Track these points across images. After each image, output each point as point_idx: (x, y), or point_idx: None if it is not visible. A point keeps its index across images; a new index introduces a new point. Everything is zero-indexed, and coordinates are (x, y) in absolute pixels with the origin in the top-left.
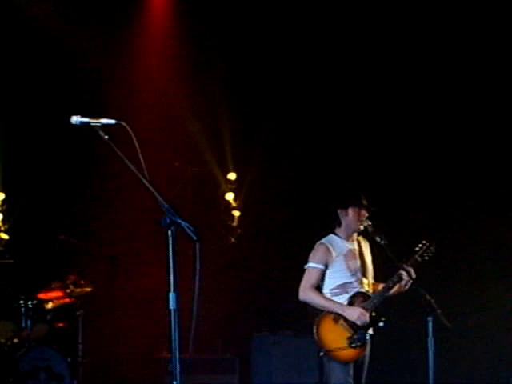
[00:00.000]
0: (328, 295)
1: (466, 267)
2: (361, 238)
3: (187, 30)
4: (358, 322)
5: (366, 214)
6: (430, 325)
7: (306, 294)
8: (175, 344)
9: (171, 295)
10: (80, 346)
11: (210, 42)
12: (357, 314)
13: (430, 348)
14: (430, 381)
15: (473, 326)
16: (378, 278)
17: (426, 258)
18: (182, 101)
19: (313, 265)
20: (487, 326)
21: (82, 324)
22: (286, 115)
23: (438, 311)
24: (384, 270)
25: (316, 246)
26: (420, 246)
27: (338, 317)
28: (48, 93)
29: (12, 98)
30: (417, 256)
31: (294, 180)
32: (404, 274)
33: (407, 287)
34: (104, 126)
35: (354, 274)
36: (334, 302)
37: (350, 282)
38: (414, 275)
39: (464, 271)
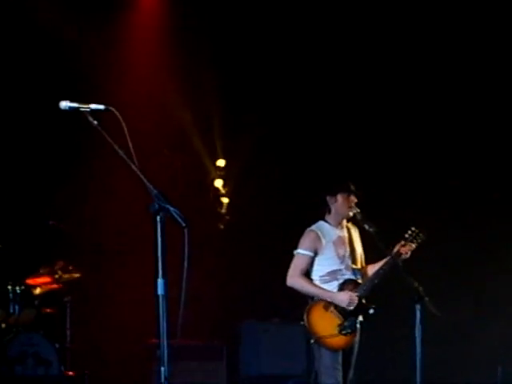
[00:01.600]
0: (317, 282)
1: (454, 254)
2: (350, 225)
3: (178, 18)
4: (350, 307)
5: (355, 200)
6: (418, 313)
7: (294, 280)
8: (163, 330)
9: (159, 281)
10: (68, 332)
11: (201, 30)
12: (346, 299)
13: (417, 336)
14: (418, 369)
15: (463, 314)
16: (368, 263)
17: (415, 245)
18: (171, 88)
19: (302, 251)
20: (478, 315)
21: (70, 310)
22: (275, 101)
23: (426, 299)
24: (374, 256)
25: (306, 233)
26: (409, 232)
27: (328, 304)
28: (37, 80)
29: (1, 86)
30: (407, 243)
31: (283, 167)
32: (400, 259)
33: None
34: (93, 111)
35: (343, 261)
36: (322, 288)
37: (340, 269)
38: (408, 254)
39: (453, 258)
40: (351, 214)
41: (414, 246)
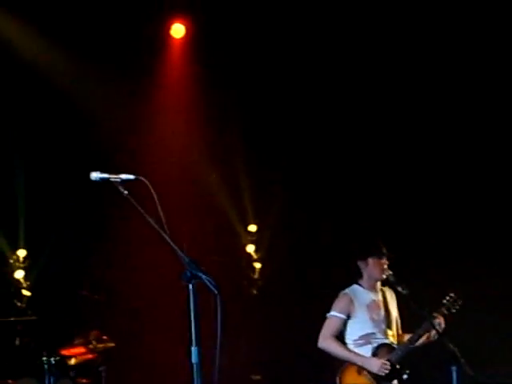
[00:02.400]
0: (351, 346)
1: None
2: (386, 288)
3: (204, 79)
4: (381, 373)
5: (387, 263)
6: (455, 374)
7: (325, 341)
8: None
9: (193, 349)
10: None
11: (227, 91)
12: (378, 366)
13: None
14: None
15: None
16: (404, 329)
17: (453, 310)
18: (200, 153)
19: (334, 313)
20: None
21: (105, 380)
22: (302, 166)
23: (462, 360)
24: (411, 321)
25: (339, 296)
26: (448, 298)
27: (361, 368)
28: (68, 150)
29: (33, 156)
30: (443, 309)
31: (314, 231)
32: (436, 322)
33: (436, 337)
34: (123, 181)
35: (377, 325)
36: (353, 352)
37: (373, 333)
38: (443, 325)
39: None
40: (384, 276)
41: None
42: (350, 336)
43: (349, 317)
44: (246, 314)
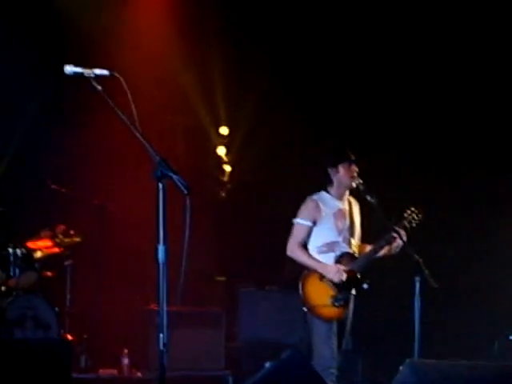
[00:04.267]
0: (314, 252)
1: (453, 226)
2: (352, 199)
3: None
4: (335, 280)
5: (357, 170)
6: (418, 285)
7: (292, 250)
8: (163, 297)
9: (160, 248)
10: (68, 296)
11: None
12: (333, 272)
13: (416, 308)
14: (416, 341)
15: (461, 285)
16: (365, 240)
17: (414, 225)
18: (174, 53)
19: (301, 221)
20: (477, 285)
21: (70, 274)
22: (278, 69)
23: (426, 271)
24: (372, 232)
25: (306, 202)
26: (408, 212)
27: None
28: (43, 44)
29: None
30: (405, 222)
31: (286, 135)
32: (394, 235)
33: (398, 250)
34: (97, 76)
35: (341, 234)
36: (316, 260)
37: (337, 242)
38: (405, 237)
39: (451, 230)
40: (354, 184)
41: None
42: (314, 243)
43: (314, 223)
44: (213, 216)
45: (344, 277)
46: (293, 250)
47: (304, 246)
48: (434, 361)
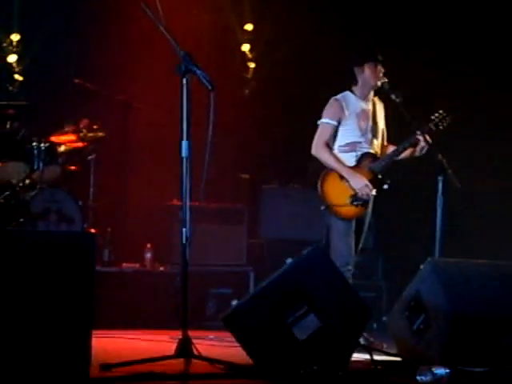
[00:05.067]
0: (336, 151)
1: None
2: (376, 100)
3: None
4: (359, 194)
5: (383, 70)
6: (440, 184)
7: (318, 150)
8: (186, 192)
9: (184, 143)
10: (91, 190)
11: None
12: (361, 185)
13: (438, 207)
14: (437, 241)
15: (484, 187)
16: (391, 141)
17: (441, 127)
18: None
19: (326, 120)
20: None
21: (93, 168)
22: None
23: (449, 171)
24: (398, 134)
25: (330, 102)
26: (437, 115)
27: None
28: None
29: None
30: (432, 124)
31: (314, 36)
32: (419, 138)
33: (423, 152)
34: None
35: (364, 134)
36: (343, 165)
37: (360, 142)
38: (430, 140)
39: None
40: (379, 83)
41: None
42: (338, 142)
43: (339, 123)
44: (237, 113)
45: (370, 193)
46: (318, 149)
47: (328, 146)
48: (455, 259)
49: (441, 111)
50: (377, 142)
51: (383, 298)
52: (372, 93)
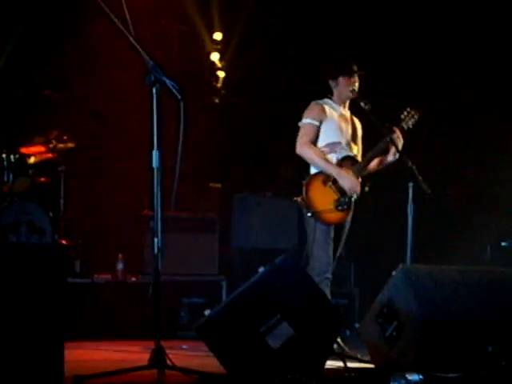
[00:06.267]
0: None
1: (447, 133)
2: (354, 118)
3: None
4: (348, 192)
5: (357, 82)
6: (411, 191)
7: (302, 149)
8: (157, 201)
9: (154, 153)
10: (62, 202)
11: None
12: (350, 184)
13: (409, 214)
14: (409, 247)
15: (455, 193)
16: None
17: (411, 125)
18: None
19: (308, 120)
20: (470, 193)
21: (63, 180)
22: None
23: (419, 177)
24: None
25: (311, 105)
26: (405, 113)
27: (327, 179)
28: None
29: None
30: (402, 124)
31: (282, 41)
32: (394, 136)
33: (394, 158)
34: None
35: (344, 136)
36: (330, 163)
37: (339, 143)
38: (401, 140)
39: (445, 137)
40: (353, 96)
41: (406, 127)
42: (318, 144)
43: (321, 123)
44: (206, 122)
45: (359, 192)
46: (303, 148)
47: (314, 145)
48: (426, 266)
49: (408, 109)
50: (356, 147)
51: (355, 305)
52: (348, 102)
